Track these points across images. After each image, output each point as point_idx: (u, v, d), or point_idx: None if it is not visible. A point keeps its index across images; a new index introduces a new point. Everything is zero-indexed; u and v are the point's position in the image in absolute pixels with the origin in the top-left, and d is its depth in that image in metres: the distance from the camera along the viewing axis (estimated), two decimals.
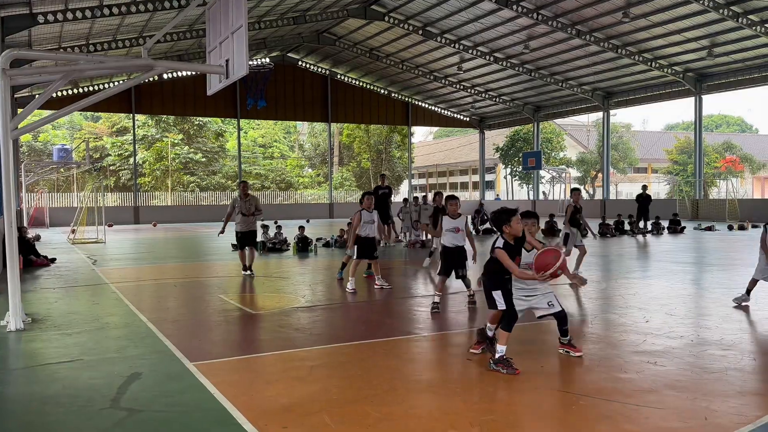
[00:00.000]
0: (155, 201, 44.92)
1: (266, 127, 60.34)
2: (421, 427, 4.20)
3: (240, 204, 12.06)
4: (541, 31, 30.05)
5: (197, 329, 7.61)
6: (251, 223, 12.14)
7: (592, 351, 6.13)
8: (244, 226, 12.06)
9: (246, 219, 12.04)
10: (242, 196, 12.16)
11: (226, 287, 10.80)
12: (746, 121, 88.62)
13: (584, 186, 57.21)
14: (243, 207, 12.03)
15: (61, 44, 25.92)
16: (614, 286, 10.52)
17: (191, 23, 27.17)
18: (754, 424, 4.20)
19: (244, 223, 12.05)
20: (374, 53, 37.52)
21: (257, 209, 12.22)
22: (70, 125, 56.94)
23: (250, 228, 12.14)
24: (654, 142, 65.59)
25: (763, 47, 27.35)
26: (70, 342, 6.77)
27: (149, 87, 37.01)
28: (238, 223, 12.08)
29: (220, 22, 8.86)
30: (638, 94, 35.38)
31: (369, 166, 56.98)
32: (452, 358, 5.93)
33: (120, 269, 13.82)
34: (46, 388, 5.20)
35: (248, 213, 12.04)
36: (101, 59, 8.47)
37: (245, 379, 5.37)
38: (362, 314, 8.49)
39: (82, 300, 9.68)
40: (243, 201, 12.10)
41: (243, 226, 12.06)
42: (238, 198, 12.19)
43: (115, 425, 4.34)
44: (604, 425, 4.23)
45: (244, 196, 12.15)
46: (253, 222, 12.19)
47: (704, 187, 38.23)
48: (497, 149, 52.86)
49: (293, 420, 4.35)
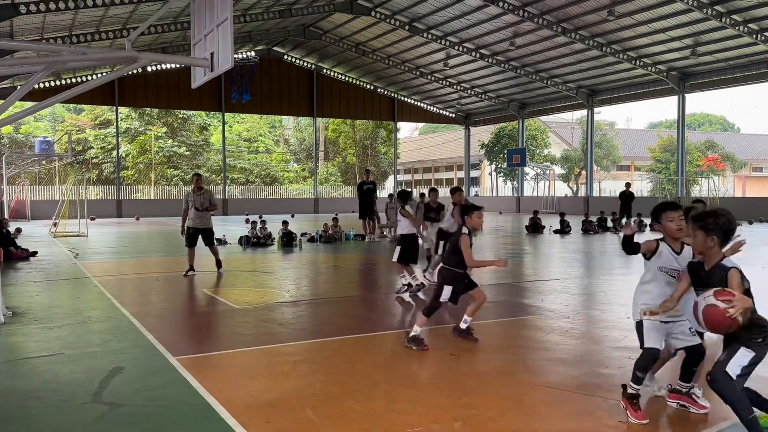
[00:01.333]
0: (138, 194, 44.58)
1: (251, 121, 60.04)
2: (405, 421, 4.22)
3: (193, 198, 11.31)
4: (527, 29, 30.14)
5: (180, 324, 7.57)
6: (206, 220, 11.45)
7: (574, 347, 6.18)
8: (197, 222, 11.34)
9: (200, 214, 11.34)
10: (195, 189, 11.40)
11: (210, 282, 10.75)
12: (728, 120, 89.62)
13: (568, 183, 57.55)
14: (197, 201, 11.30)
15: (44, 35, 25.61)
16: (597, 282, 10.60)
17: (176, 15, 26.95)
18: (733, 420, 4.26)
19: (198, 219, 11.33)
20: (360, 48, 37.45)
21: (212, 204, 11.48)
22: (52, 117, 56.29)
23: (205, 225, 11.44)
24: (637, 140, 66.11)
25: (746, 47, 27.64)
26: (52, 336, 6.71)
27: (133, 79, 36.67)
28: (191, 218, 11.34)
29: (205, 14, 8.80)
30: (622, 92, 35.63)
31: (354, 161, 56.91)
32: (436, 353, 5.95)
33: (102, 263, 13.71)
34: (26, 383, 5.15)
35: (202, 208, 11.33)
36: (84, 51, 8.38)
37: (228, 373, 5.35)
38: (346, 309, 8.49)
39: (64, 294, 9.60)
40: (197, 195, 11.35)
41: (196, 222, 11.33)
42: (191, 192, 11.45)
43: (97, 419, 4.31)
44: (586, 420, 4.27)
45: (198, 190, 11.39)
46: (208, 218, 11.49)
47: (687, 185, 38.62)
48: (482, 146, 53.00)
49: (277, 415, 4.35)
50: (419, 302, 8.43)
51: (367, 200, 19.37)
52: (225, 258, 12.37)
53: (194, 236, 11.34)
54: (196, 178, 11.75)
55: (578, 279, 10.95)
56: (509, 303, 8.85)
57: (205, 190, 11.52)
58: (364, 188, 19.65)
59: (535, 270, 12.66)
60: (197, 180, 11.63)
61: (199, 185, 11.45)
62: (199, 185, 11.45)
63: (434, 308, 6.20)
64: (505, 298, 9.17)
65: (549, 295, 9.10)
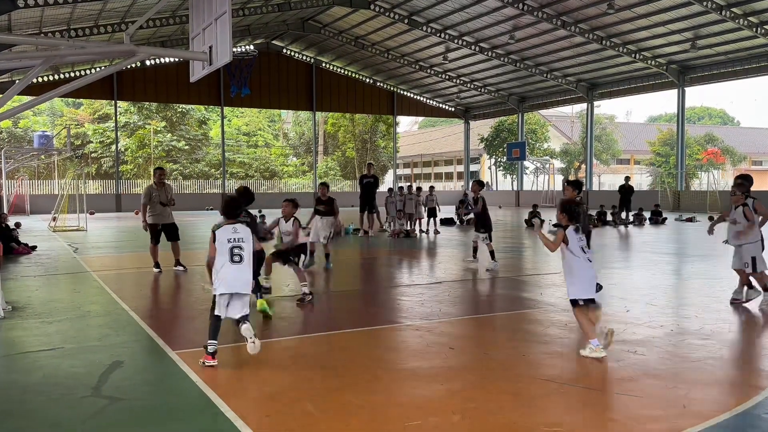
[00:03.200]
0: (137, 189, 44.52)
1: (250, 116, 59.94)
2: (403, 414, 4.22)
3: (157, 193, 10.88)
4: (527, 22, 30.07)
5: (179, 318, 7.58)
6: (169, 215, 11.07)
7: (573, 340, 6.19)
8: (162, 218, 10.96)
9: (164, 209, 10.94)
10: (158, 184, 10.97)
11: (209, 276, 10.74)
12: (728, 113, 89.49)
13: (568, 177, 57.50)
14: (161, 196, 10.87)
15: (42, 29, 25.53)
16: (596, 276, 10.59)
17: (174, 9, 26.87)
18: (731, 412, 4.27)
19: (163, 215, 10.97)
20: (360, 42, 37.35)
21: (171, 199, 11.07)
22: (50, 111, 56.17)
23: (170, 220, 11.07)
24: (637, 134, 66.10)
25: (746, 40, 27.59)
26: (51, 330, 6.71)
27: (131, 73, 36.59)
28: (156, 214, 10.92)
29: (203, 8, 8.76)
30: (622, 85, 35.58)
31: (354, 155, 56.86)
32: (435, 347, 5.96)
33: (101, 257, 13.70)
34: (26, 377, 5.16)
35: (166, 203, 10.93)
36: (82, 45, 8.35)
37: (228, 367, 5.35)
38: (345, 303, 8.49)
39: (63, 288, 9.60)
40: (160, 190, 10.90)
41: (161, 218, 10.96)
42: (153, 186, 10.96)
43: (97, 413, 4.31)
44: (585, 413, 4.28)
45: (161, 185, 10.98)
46: (170, 213, 11.09)
47: (686, 179, 38.60)
48: (482, 140, 52.95)
49: (276, 408, 4.36)
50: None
51: (367, 194, 19.30)
52: None
53: (160, 233, 11.04)
54: (160, 172, 11.30)
55: None
56: (508, 296, 8.85)
57: (167, 185, 11.21)
58: (364, 182, 19.52)
59: (534, 264, 12.67)
60: (161, 174, 11.21)
61: (162, 180, 11.12)
62: (162, 180, 11.10)
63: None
64: (505, 292, 9.18)
65: (548, 289, 9.11)
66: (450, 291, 8.93)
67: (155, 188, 10.96)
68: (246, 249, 5.61)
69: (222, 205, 5.94)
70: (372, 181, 19.34)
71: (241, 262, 5.55)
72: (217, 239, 5.58)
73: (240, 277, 5.52)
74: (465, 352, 5.81)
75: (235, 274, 5.51)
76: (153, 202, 10.94)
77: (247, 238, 5.64)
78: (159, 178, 11.11)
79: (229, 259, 5.52)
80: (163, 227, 11.08)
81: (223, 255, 5.54)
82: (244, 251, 5.57)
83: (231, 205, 5.84)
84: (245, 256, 5.58)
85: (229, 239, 5.57)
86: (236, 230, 5.62)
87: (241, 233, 5.61)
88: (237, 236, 5.59)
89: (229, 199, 5.97)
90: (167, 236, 11.10)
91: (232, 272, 5.50)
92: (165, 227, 11.09)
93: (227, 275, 5.49)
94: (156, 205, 10.93)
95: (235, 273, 5.51)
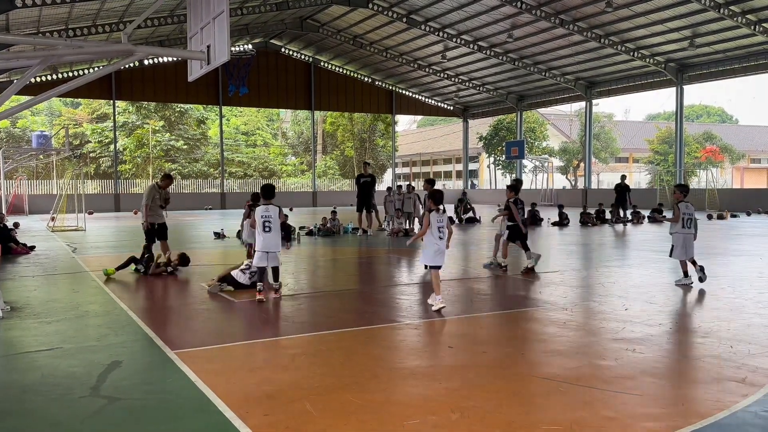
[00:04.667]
0: (136, 188, 44.48)
1: (249, 115, 59.88)
2: (402, 413, 4.23)
3: (160, 195, 11.38)
4: (525, 20, 30.06)
5: (178, 317, 7.58)
6: (163, 215, 11.60)
7: (572, 338, 6.20)
8: (158, 218, 11.40)
9: (161, 211, 11.48)
10: (164, 187, 11.49)
11: (208, 275, 10.74)
12: (727, 111, 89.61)
13: (566, 175, 57.54)
14: (164, 198, 11.46)
15: (40, 29, 25.49)
16: (594, 274, 10.61)
17: (172, 8, 26.83)
18: (730, 410, 4.28)
19: (160, 215, 11.45)
20: (358, 41, 37.33)
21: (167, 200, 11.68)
22: (49, 111, 56.09)
23: (163, 219, 11.54)
24: (635, 132, 66.09)
25: (744, 38, 27.59)
26: (50, 330, 6.71)
27: (129, 73, 36.55)
28: (156, 214, 11.35)
29: (201, 7, 8.76)
30: (620, 83, 35.57)
31: (353, 154, 56.84)
32: (434, 345, 5.96)
33: (100, 257, 13.68)
34: (25, 377, 5.16)
35: (164, 205, 11.48)
36: (80, 44, 8.34)
37: (226, 367, 5.36)
38: (345, 303, 8.50)
39: (62, 288, 9.60)
40: (163, 192, 11.46)
41: (157, 218, 11.39)
42: (157, 188, 11.45)
43: (95, 413, 4.32)
44: (584, 411, 4.28)
45: (165, 187, 11.54)
46: (163, 213, 11.63)
47: (685, 177, 38.62)
48: (481, 138, 52.95)
49: (275, 407, 4.36)
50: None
51: (365, 193, 19.25)
52: (224, 252, 12.35)
53: (160, 231, 11.42)
54: (169, 181, 11.80)
55: (576, 271, 10.96)
56: (507, 295, 8.86)
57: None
58: (361, 181, 19.48)
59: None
60: (169, 183, 11.72)
61: (168, 186, 11.62)
62: (168, 186, 11.60)
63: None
64: (503, 291, 9.18)
65: (547, 287, 9.12)
66: (449, 290, 8.93)
67: (157, 189, 11.39)
68: (274, 222, 8.21)
69: (261, 190, 8.58)
70: (370, 180, 19.31)
71: (270, 231, 8.18)
72: (256, 215, 8.18)
73: (271, 241, 8.20)
74: (464, 351, 5.82)
75: (268, 239, 8.18)
76: (154, 204, 11.30)
77: (275, 215, 8.22)
78: (167, 185, 11.59)
79: (263, 229, 8.12)
80: (159, 227, 11.44)
81: (260, 226, 8.13)
82: (272, 223, 8.18)
83: (267, 189, 8.47)
84: (273, 227, 8.20)
85: (263, 215, 8.16)
86: (267, 210, 8.22)
87: (270, 212, 8.21)
88: (267, 214, 8.19)
89: (266, 185, 8.64)
90: (158, 235, 11.47)
91: (266, 238, 8.15)
92: (160, 226, 11.46)
93: (264, 240, 8.14)
94: (157, 206, 11.32)
95: (268, 238, 8.18)
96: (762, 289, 8.85)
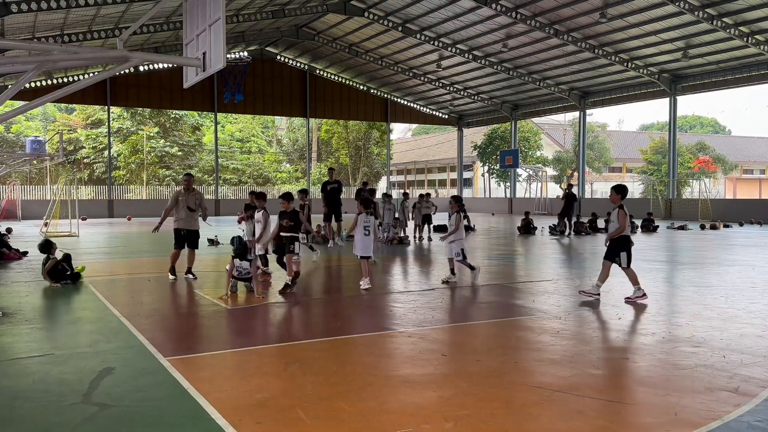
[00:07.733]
0: (130, 194, 44.40)
1: (244, 122, 59.89)
2: (395, 422, 4.22)
3: (184, 198, 10.86)
4: (520, 30, 30.25)
5: (171, 324, 7.54)
6: (194, 221, 11.00)
7: (565, 347, 6.20)
8: (187, 224, 10.90)
9: (190, 215, 10.91)
10: (187, 189, 10.97)
11: (201, 282, 10.71)
12: (719, 122, 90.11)
13: (560, 185, 57.66)
14: (189, 201, 10.85)
15: (35, 34, 25.48)
16: (588, 283, 10.61)
17: (168, 15, 26.88)
18: (723, 420, 4.28)
19: (188, 220, 10.91)
20: (354, 49, 37.45)
21: (201, 207, 11.06)
22: (43, 117, 55.98)
23: (193, 227, 10.99)
24: (629, 142, 66.42)
25: (737, 50, 27.82)
26: (42, 336, 6.67)
27: (125, 79, 36.54)
28: (182, 219, 10.87)
29: (197, 14, 8.77)
30: (614, 94, 35.78)
31: (347, 162, 56.91)
32: (427, 354, 5.95)
33: (93, 263, 13.63)
34: (16, 383, 5.12)
35: (194, 208, 10.93)
36: (76, 50, 8.33)
37: (219, 374, 5.33)
38: (338, 310, 8.48)
39: (54, 294, 9.54)
40: (189, 195, 10.91)
41: (186, 224, 10.89)
42: (182, 191, 10.98)
43: (86, 420, 4.29)
44: (577, 420, 4.28)
45: (190, 191, 10.99)
46: (195, 220, 11.02)
47: (678, 187, 38.79)
48: (475, 147, 53.09)
49: (267, 415, 4.34)
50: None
51: (332, 201, 17.69)
52: (217, 259, 12.32)
53: (184, 238, 10.96)
54: (189, 177, 11.31)
55: (569, 280, 10.98)
56: (501, 304, 8.86)
57: (196, 191, 11.20)
58: (328, 188, 17.95)
59: (527, 271, 12.69)
60: (190, 180, 11.21)
61: (191, 185, 11.14)
62: (190, 185, 11.09)
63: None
64: (497, 299, 9.18)
65: (540, 296, 9.13)
66: (443, 298, 8.93)
67: (182, 193, 10.94)
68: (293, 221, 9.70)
69: (282, 195, 9.99)
70: (336, 187, 18.03)
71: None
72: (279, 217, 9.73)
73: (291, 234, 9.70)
74: (457, 359, 5.81)
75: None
76: (179, 207, 10.88)
77: (294, 216, 9.69)
78: (187, 184, 11.09)
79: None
80: (187, 233, 10.98)
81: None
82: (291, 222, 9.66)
83: (287, 195, 9.91)
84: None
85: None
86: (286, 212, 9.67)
87: (290, 213, 9.67)
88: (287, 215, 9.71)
89: (286, 192, 10.06)
90: (188, 243, 11.02)
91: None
92: (188, 233, 10.99)
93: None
94: (182, 210, 10.87)
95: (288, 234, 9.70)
96: (754, 298, 8.88)
